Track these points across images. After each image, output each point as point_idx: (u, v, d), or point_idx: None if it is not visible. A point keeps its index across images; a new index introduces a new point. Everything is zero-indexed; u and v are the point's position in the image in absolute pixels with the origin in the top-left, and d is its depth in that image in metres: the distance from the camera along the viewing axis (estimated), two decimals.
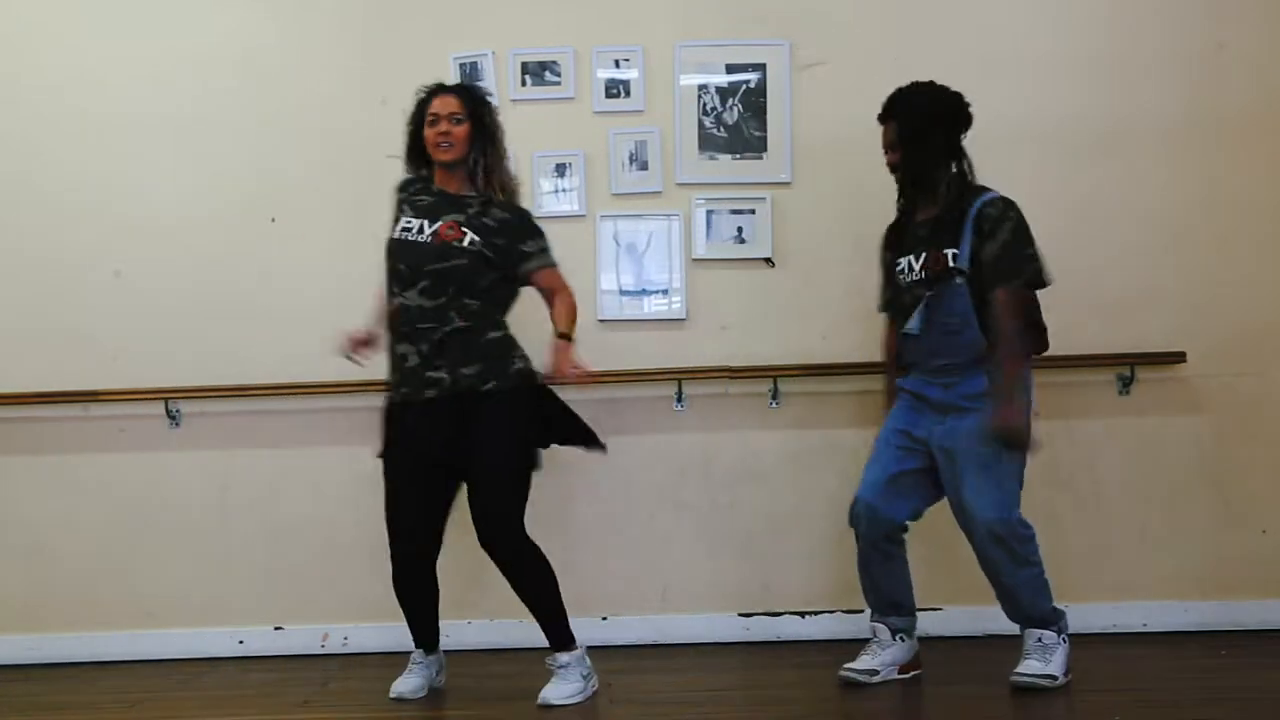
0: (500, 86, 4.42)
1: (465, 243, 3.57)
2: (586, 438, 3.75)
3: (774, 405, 4.35)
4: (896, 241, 3.79)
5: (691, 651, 4.25)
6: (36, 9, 4.47)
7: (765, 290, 4.38)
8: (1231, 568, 4.34)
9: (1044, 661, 3.63)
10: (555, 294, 3.70)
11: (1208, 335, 4.36)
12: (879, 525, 3.69)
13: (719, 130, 4.42)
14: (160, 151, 4.44)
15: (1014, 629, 4.30)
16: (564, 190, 4.43)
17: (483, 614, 4.33)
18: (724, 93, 4.42)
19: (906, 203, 3.79)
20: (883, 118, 3.75)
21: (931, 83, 3.72)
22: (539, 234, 3.70)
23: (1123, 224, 4.40)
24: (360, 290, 4.38)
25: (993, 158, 4.37)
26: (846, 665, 3.74)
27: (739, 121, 4.42)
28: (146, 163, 4.43)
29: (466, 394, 3.55)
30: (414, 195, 3.69)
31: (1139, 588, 4.36)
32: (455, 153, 3.61)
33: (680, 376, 4.34)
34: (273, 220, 4.42)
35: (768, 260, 4.39)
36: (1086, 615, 4.32)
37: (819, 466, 4.31)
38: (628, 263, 4.42)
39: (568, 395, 3.80)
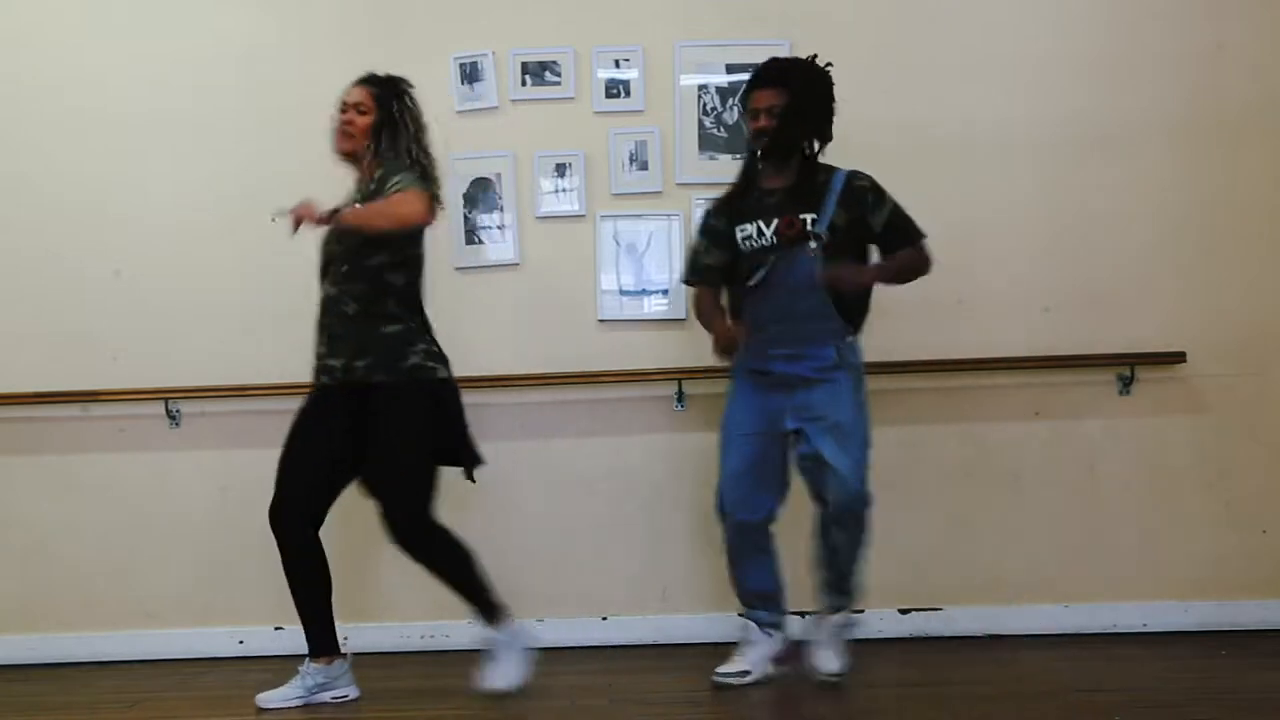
0: (500, 86, 4.42)
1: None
2: (472, 458, 3.72)
3: None
4: (737, 210, 3.76)
5: (691, 651, 4.25)
6: (36, 9, 4.47)
7: None
8: (1231, 568, 4.35)
9: (841, 657, 3.72)
10: None
11: (1208, 335, 4.36)
12: (746, 521, 3.72)
13: (719, 130, 4.42)
14: (160, 151, 4.44)
15: (1014, 629, 4.32)
16: (564, 190, 4.43)
17: None
18: (724, 93, 4.42)
19: (748, 171, 3.79)
20: (766, 83, 3.73)
21: (814, 60, 3.74)
22: (406, 170, 3.57)
23: (1122, 224, 4.40)
24: None
25: (993, 158, 4.40)
26: (717, 669, 3.75)
27: (739, 121, 4.41)
28: (146, 163, 4.43)
29: (358, 386, 3.57)
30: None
31: (1139, 588, 4.36)
32: (350, 144, 3.62)
33: (680, 376, 4.34)
34: (273, 220, 4.41)
35: None
36: (1086, 615, 4.33)
37: None
38: (628, 263, 4.43)
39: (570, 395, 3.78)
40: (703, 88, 4.42)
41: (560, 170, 4.43)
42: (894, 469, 4.21)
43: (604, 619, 4.37)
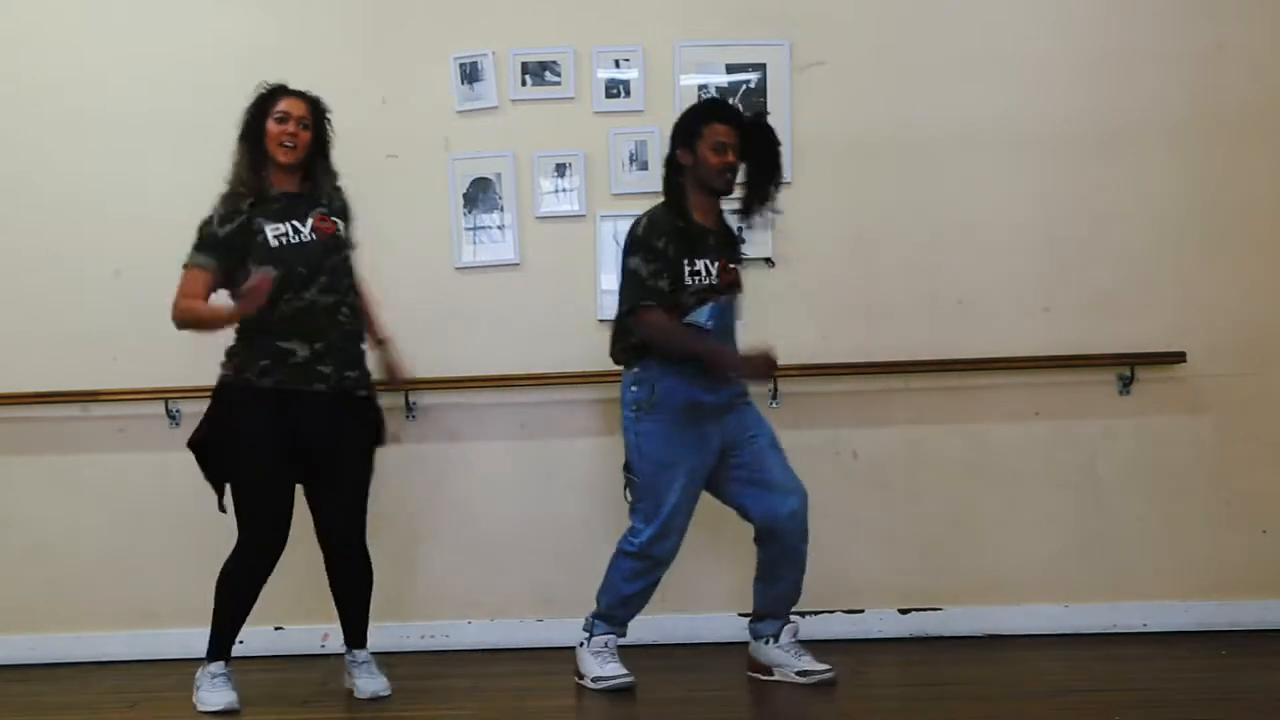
0: (500, 86, 4.42)
1: (341, 232, 3.70)
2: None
3: (774, 405, 4.34)
4: (683, 241, 3.68)
5: (691, 651, 4.25)
6: (36, 9, 4.47)
7: (765, 290, 4.37)
8: (1231, 568, 4.34)
9: (810, 656, 3.74)
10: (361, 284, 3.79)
11: (1208, 335, 4.36)
12: (674, 554, 3.76)
13: None
14: (160, 151, 4.43)
15: (1014, 629, 4.32)
16: (564, 190, 4.43)
17: (483, 614, 4.33)
18: (724, 93, 4.41)
19: (680, 203, 3.73)
20: (737, 121, 3.72)
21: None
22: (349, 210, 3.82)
23: (1123, 224, 4.40)
24: None
25: (993, 158, 4.40)
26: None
27: None
28: (146, 162, 4.43)
29: (344, 395, 3.63)
30: (257, 208, 3.64)
31: (1139, 588, 4.36)
32: (295, 155, 3.67)
33: None
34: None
35: (767, 260, 4.39)
36: (1086, 615, 4.33)
37: (819, 466, 4.30)
38: None
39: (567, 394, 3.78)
40: (703, 88, 4.42)
41: (560, 170, 4.43)
42: (894, 469, 4.22)
43: None
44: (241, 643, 4.34)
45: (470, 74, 4.42)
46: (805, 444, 4.33)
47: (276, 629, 4.34)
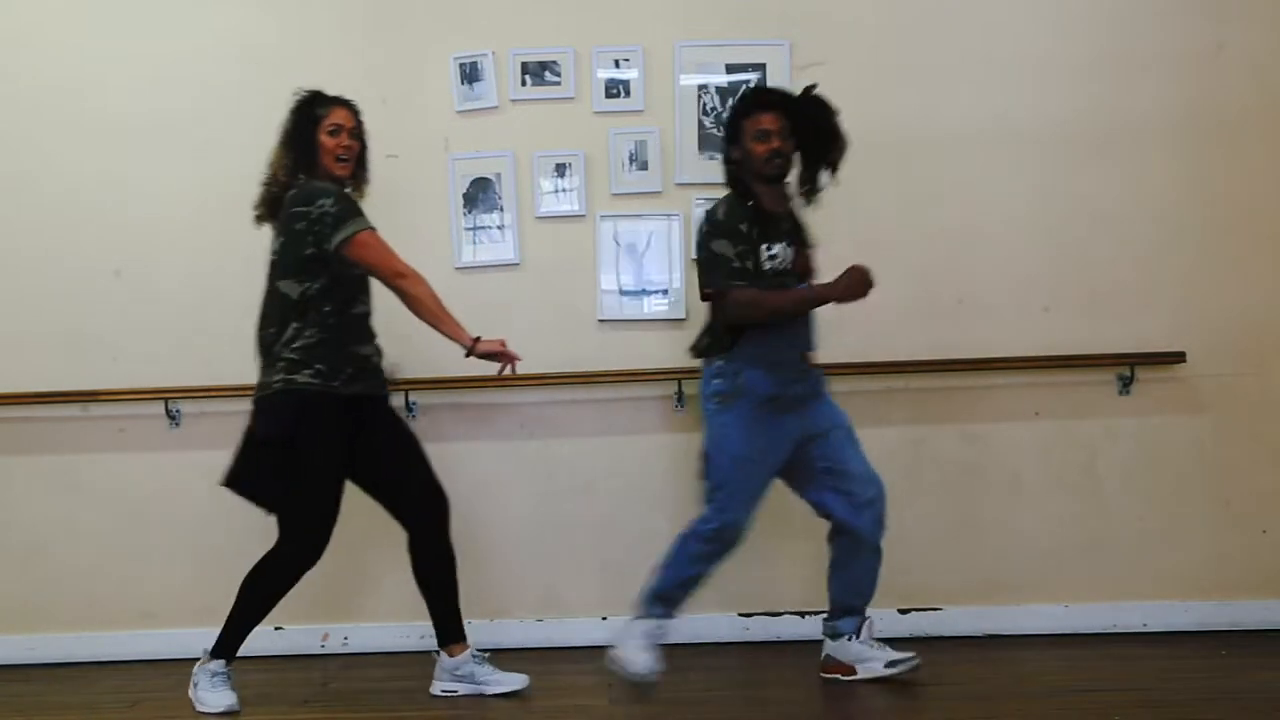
0: (500, 86, 4.42)
1: None
2: None
3: None
4: (761, 226, 3.69)
5: (691, 651, 4.25)
6: (36, 9, 4.47)
7: None
8: (1231, 568, 4.35)
9: (890, 648, 3.78)
10: None
11: (1208, 335, 4.36)
12: (738, 546, 3.74)
13: (719, 130, 4.41)
14: (160, 151, 4.43)
15: (1014, 628, 4.32)
16: (564, 190, 4.43)
17: (483, 614, 4.32)
18: (724, 93, 4.42)
19: (747, 193, 3.73)
20: (775, 105, 3.73)
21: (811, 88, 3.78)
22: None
23: (1122, 224, 4.40)
24: None
25: (993, 158, 4.40)
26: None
27: None
28: (146, 162, 4.43)
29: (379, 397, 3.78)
30: (353, 199, 3.70)
31: (1139, 588, 4.36)
32: (350, 168, 3.72)
33: (680, 376, 4.33)
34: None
35: None
36: (1086, 615, 4.33)
37: None
38: (627, 263, 4.42)
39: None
40: (703, 88, 4.42)
41: (560, 170, 4.43)
42: (894, 469, 4.20)
43: (604, 619, 4.37)
44: None
45: (470, 74, 4.42)
46: None
47: (276, 629, 4.34)
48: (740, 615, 4.37)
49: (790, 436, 3.70)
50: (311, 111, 3.69)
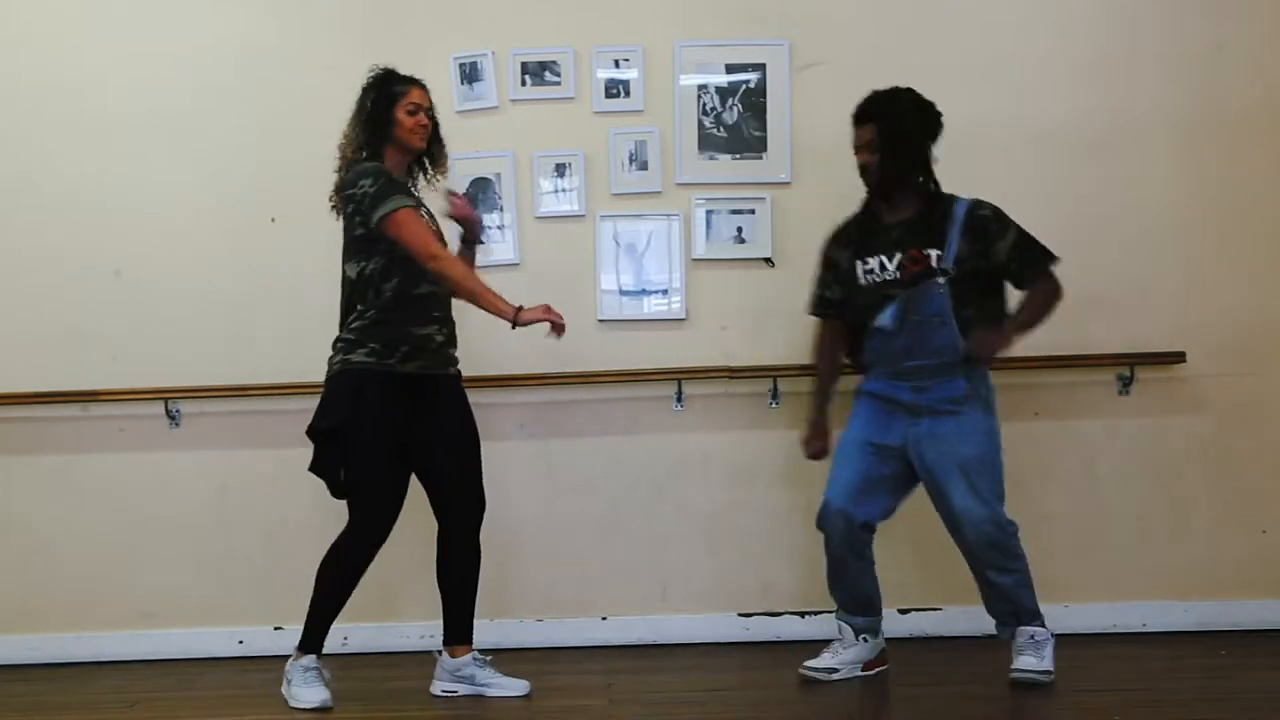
0: (500, 86, 4.42)
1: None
2: None
3: (774, 405, 4.35)
4: (858, 241, 3.75)
5: (691, 651, 4.25)
6: (36, 9, 4.46)
7: (765, 290, 4.38)
8: (1231, 568, 4.35)
9: (1039, 658, 3.65)
10: None
11: (1208, 335, 4.36)
12: (853, 528, 3.70)
13: (719, 130, 4.42)
14: (160, 151, 4.43)
15: None
16: (564, 190, 4.43)
17: (483, 614, 4.30)
18: (724, 93, 4.42)
19: (868, 204, 3.78)
20: (861, 118, 3.75)
21: (911, 89, 3.74)
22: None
23: (1123, 224, 4.40)
24: None
25: (993, 157, 4.40)
26: (806, 663, 3.77)
27: (739, 121, 4.42)
28: (146, 162, 4.43)
29: (459, 377, 3.77)
30: (397, 180, 3.69)
31: (1138, 587, 4.36)
32: (426, 143, 3.73)
33: (680, 376, 4.34)
34: (273, 220, 4.42)
35: (768, 260, 4.39)
36: (1086, 615, 4.33)
37: (819, 466, 4.30)
38: (627, 263, 4.42)
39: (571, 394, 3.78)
40: (702, 88, 4.42)
41: (560, 170, 4.42)
42: None
43: (604, 619, 4.37)
44: (241, 643, 4.37)
45: (470, 74, 4.42)
46: None
47: (276, 629, 4.34)
48: (740, 615, 4.37)
49: (891, 430, 3.68)
50: (389, 89, 3.68)
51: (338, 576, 3.61)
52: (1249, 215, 4.40)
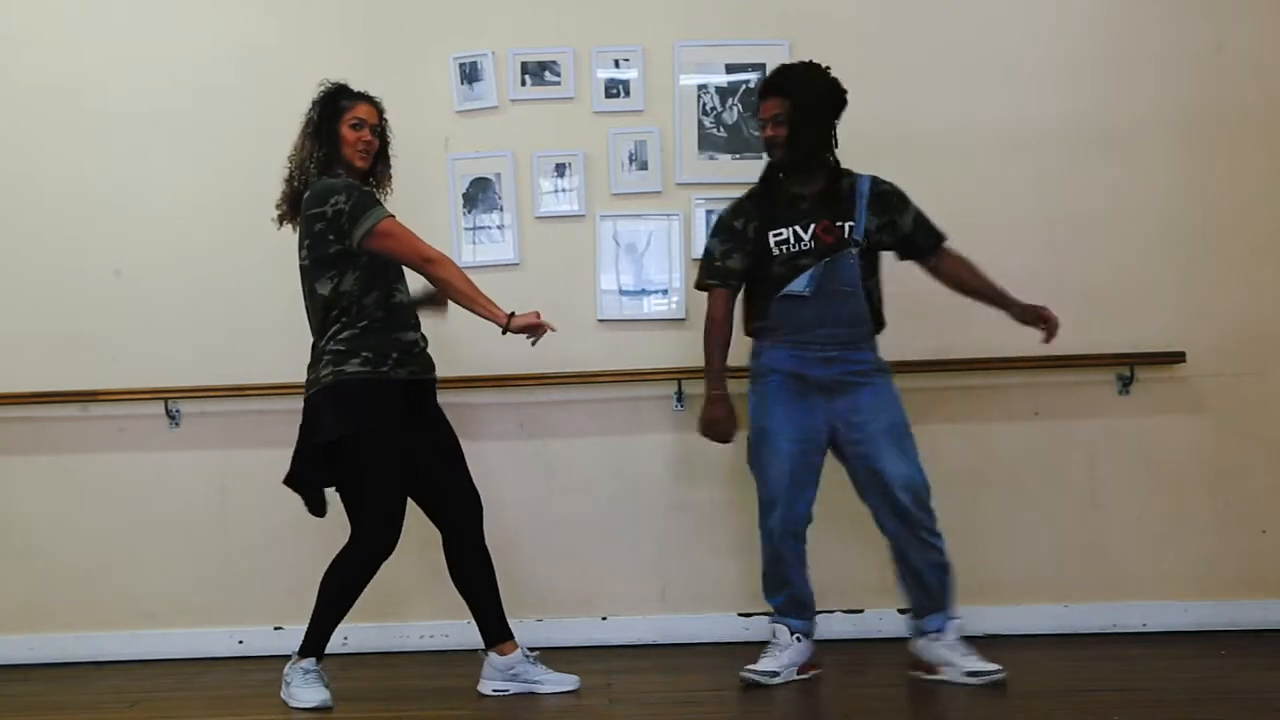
0: (500, 86, 4.42)
1: None
2: None
3: None
4: (764, 213, 3.77)
5: (691, 651, 4.25)
6: (36, 9, 4.47)
7: None
8: (1231, 568, 4.35)
9: (977, 654, 3.71)
10: None
11: (1208, 335, 4.36)
12: (794, 523, 3.74)
13: (719, 130, 4.42)
14: (160, 151, 4.44)
15: (1014, 628, 4.32)
16: (564, 190, 4.43)
17: None
18: (724, 93, 4.42)
19: (769, 178, 3.81)
20: (769, 92, 3.77)
21: (818, 64, 3.77)
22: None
23: (1122, 224, 4.40)
24: None
25: (992, 158, 4.40)
26: (747, 667, 3.77)
27: (739, 121, 4.42)
28: (146, 162, 4.43)
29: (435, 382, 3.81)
30: (366, 190, 3.70)
31: (1138, 588, 4.36)
32: (369, 162, 3.72)
33: (680, 376, 4.34)
34: (273, 220, 4.41)
35: None
36: (1086, 615, 4.33)
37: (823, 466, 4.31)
38: (627, 263, 4.43)
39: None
40: (702, 88, 4.42)
41: (560, 170, 4.42)
42: None
43: (604, 619, 4.37)
44: (241, 643, 4.37)
45: (470, 74, 4.42)
46: None
47: (276, 629, 4.34)
48: (740, 615, 4.37)
49: (813, 420, 3.71)
50: (336, 104, 3.68)
51: (341, 589, 3.62)
52: (1249, 215, 4.40)
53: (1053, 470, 4.36)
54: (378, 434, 3.55)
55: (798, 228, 3.73)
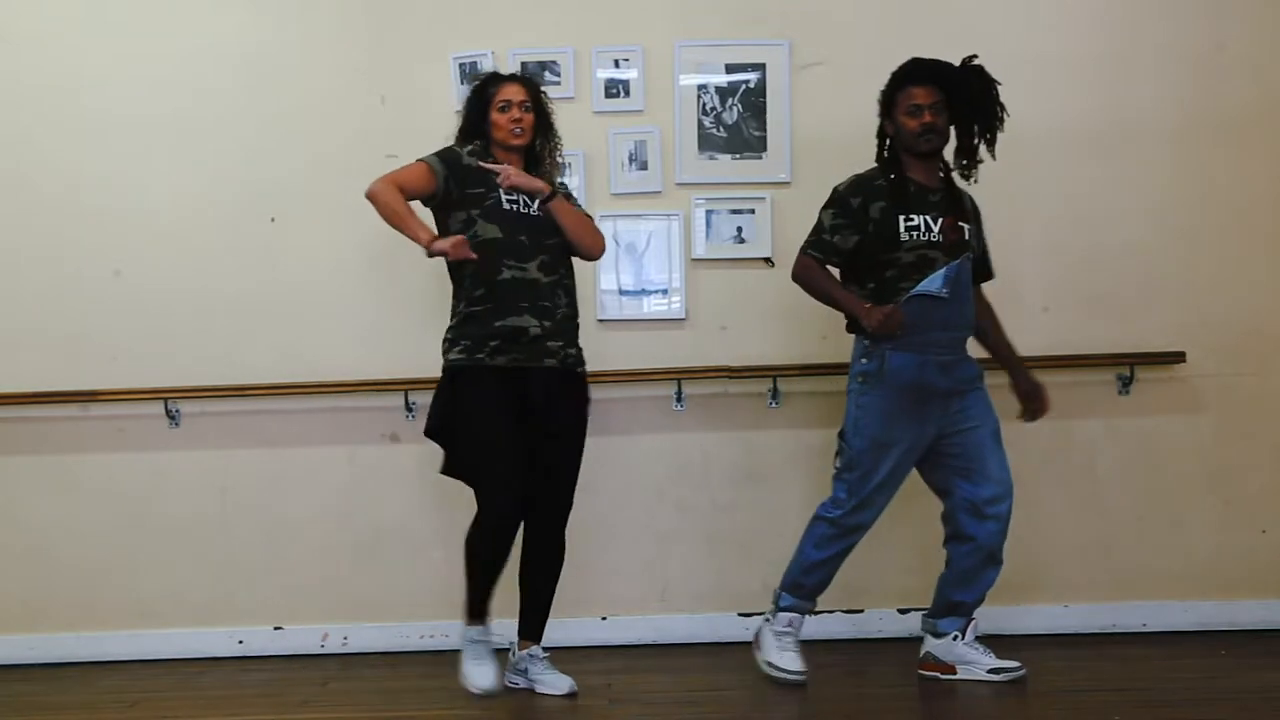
0: None
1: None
2: None
3: (774, 405, 4.35)
4: (899, 197, 3.68)
5: (691, 651, 4.25)
6: (36, 9, 4.46)
7: (765, 290, 4.38)
8: (1231, 568, 4.35)
9: (995, 654, 3.76)
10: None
11: (1208, 335, 4.36)
12: (870, 525, 3.75)
13: (719, 130, 4.42)
14: (160, 151, 4.43)
15: (1014, 628, 4.32)
16: None
17: None
18: (724, 92, 4.42)
19: (892, 165, 3.73)
20: (934, 79, 3.72)
21: (981, 65, 3.76)
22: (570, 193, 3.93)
23: (1123, 224, 4.40)
24: (359, 289, 4.39)
25: (992, 158, 4.38)
26: (771, 664, 3.74)
27: (739, 121, 4.42)
28: (146, 163, 4.43)
29: (568, 373, 3.69)
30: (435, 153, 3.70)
31: (1139, 588, 4.36)
32: (526, 138, 3.72)
33: (680, 376, 4.34)
34: (273, 220, 4.43)
35: (767, 260, 4.39)
36: (1086, 615, 4.34)
37: (819, 466, 4.30)
38: (627, 263, 4.43)
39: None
40: (702, 88, 4.42)
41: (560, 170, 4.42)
42: None
43: (604, 619, 4.37)
44: (241, 643, 4.37)
45: (470, 74, 4.42)
46: (805, 444, 4.34)
47: (276, 629, 4.34)
48: (740, 615, 4.37)
49: (928, 428, 3.67)
50: (483, 94, 3.73)
51: (470, 559, 3.61)
52: (1249, 215, 4.40)
53: (1053, 470, 4.36)
54: (471, 411, 3.56)
55: (928, 218, 3.67)
